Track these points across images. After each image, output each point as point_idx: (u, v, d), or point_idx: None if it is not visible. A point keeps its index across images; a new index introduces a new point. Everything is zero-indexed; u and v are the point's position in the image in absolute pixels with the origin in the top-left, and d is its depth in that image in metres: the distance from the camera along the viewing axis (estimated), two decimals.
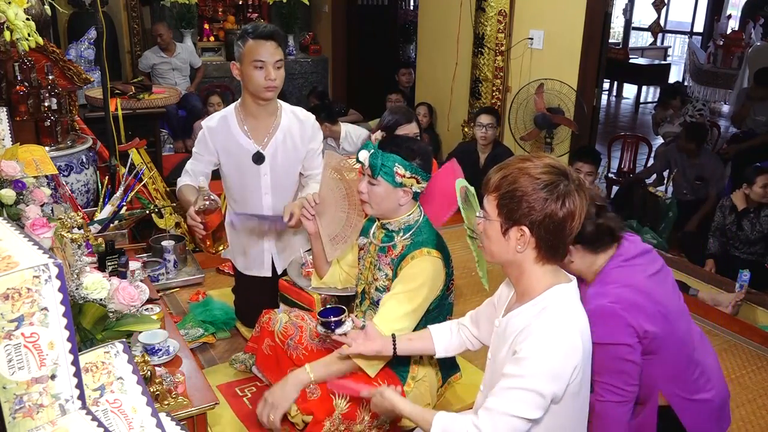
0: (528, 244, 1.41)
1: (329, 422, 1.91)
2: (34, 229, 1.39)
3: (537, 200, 1.37)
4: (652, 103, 9.84)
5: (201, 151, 2.55)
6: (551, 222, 1.38)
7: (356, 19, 7.35)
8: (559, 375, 1.37)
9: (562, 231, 1.40)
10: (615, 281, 1.74)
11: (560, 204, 1.37)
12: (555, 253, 1.44)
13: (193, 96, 5.80)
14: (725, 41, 8.60)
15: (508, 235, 1.43)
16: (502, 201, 1.42)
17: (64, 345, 0.84)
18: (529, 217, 1.38)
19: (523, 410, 1.37)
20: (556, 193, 1.37)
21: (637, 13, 10.67)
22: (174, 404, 1.60)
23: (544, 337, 1.38)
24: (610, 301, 1.70)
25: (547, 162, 1.42)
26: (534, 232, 1.40)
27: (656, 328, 1.71)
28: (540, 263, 1.44)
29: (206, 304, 2.84)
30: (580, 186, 1.42)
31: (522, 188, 1.39)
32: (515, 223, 1.41)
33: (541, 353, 1.36)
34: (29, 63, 2.92)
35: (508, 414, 1.37)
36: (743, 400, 2.55)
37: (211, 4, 6.59)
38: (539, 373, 1.36)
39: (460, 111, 5.19)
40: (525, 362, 1.37)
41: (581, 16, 4.25)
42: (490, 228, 1.46)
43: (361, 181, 2.03)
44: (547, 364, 1.36)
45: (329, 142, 4.37)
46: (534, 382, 1.36)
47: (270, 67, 2.35)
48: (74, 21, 5.67)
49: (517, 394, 1.37)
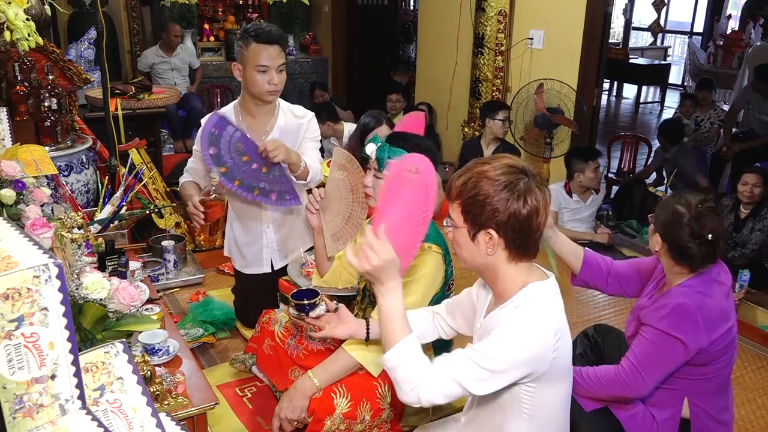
0: (498, 246, 1.43)
1: (330, 421, 1.91)
2: (34, 229, 1.39)
3: (499, 201, 1.39)
4: (652, 103, 9.85)
5: (200, 149, 2.56)
6: (516, 221, 1.39)
7: (356, 19, 7.35)
8: (517, 364, 1.39)
9: (529, 228, 1.41)
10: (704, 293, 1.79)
11: (522, 202, 1.39)
12: (526, 250, 1.45)
13: (193, 96, 5.80)
14: (725, 41, 8.60)
15: (477, 240, 1.44)
16: (465, 207, 1.43)
17: (64, 345, 0.84)
18: (494, 219, 1.40)
19: (467, 381, 1.40)
20: (516, 191, 1.39)
21: (637, 13, 10.66)
22: (174, 404, 1.60)
23: (512, 328, 1.40)
24: (695, 303, 1.75)
25: (505, 162, 1.44)
26: (501, 233, 1.41)
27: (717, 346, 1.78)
28: (513, 262, 1.46)
29: (206, 304, 2.84)
30: (541, 181, 1.44)
31: (483, 192, 1.40)
32: (482, 227, 1.42)
33: (505, 340, 1.38)
34: (29, 63, 2.92)
35: (451, 377, 1.40)
36: (743, 400, 2.55)
37: (211, 4, 6.58)
38: (497, 356, 1.38)
39: (460, 111, 5.19)
40: (488, 342, 1.40)
41: (581, 16, 4.25)
42: (458, 235, 1.47)
43: (367, 175, 2.04)
44: (508, 352, 1.38)
45: (332, 141, 4.37)
46: (489, 363, 1.38)
47: (273, 71, 2.37)
48: (74, 21, 5.67)
49: (469, 365, 1.40)
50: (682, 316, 1.74)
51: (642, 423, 1.86)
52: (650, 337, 1.77)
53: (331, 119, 4.32)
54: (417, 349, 1.45)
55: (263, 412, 2.32)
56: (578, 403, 1.90)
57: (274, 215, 2.64)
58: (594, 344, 2.19)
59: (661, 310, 1.78)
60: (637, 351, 1.79)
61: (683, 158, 4.81)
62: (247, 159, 2.37)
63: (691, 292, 1.78)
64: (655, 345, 1.77)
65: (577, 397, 1.90)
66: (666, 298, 1.82)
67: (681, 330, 1.74)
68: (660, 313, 1.77)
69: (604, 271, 2.08)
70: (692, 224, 1.77)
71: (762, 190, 3.73)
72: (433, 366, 1.43)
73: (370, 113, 3.11)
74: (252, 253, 2.71)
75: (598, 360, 2.14)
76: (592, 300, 3.27)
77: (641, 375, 1.77)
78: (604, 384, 1.83)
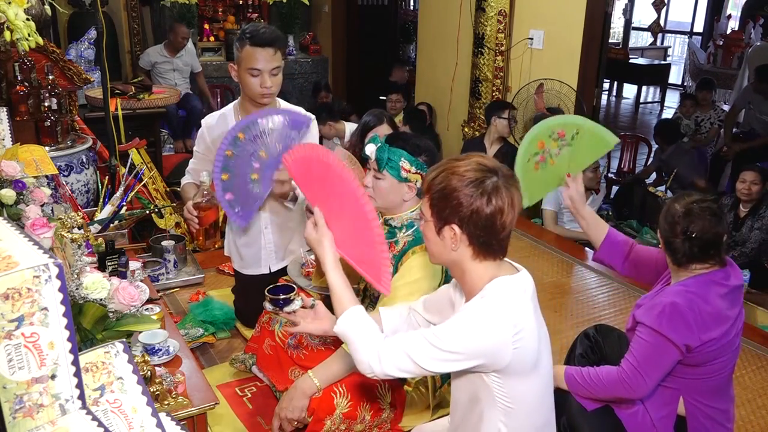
0: (461, 241, 1.44)
1: (330, 421, 1.91)
2: (34, 229, 1.39)
3: (464, 197, 1.40)
4: (652, 103, 9.85)
5: (200, 149, 2.58)
6: (479, 218, 1.40)
7: (356, 19, 7.35)
8: (468, 351, 1.39)
9: (492, 226, 1.41)
10: (697, 293, 1.80)
11: (486, 200, 1.39)
12: (490, 249, 1.45)
13: (193, 96, 5.80)
14: (725, 41, 8.61)
15: (442, 235, 1.46)
16: (433, 201, 1.45)
17: (64, 345, 0.84)
18: (458, 214, 1.41)
19: (418, 356, 1.42)
20: (481, 189, 1.40)
21: (637, 13, 10.66)
22: (174, 404, 1.60)
23: (470, 316, 1.41)
24: (686, 302, 1.76)
25: (476, 160, 1.45)
26: (464, 229, 1.42)
27: (710, 347, 1.78)
28: (478, 260, 1.46)
29: (206, 304, 2.84)
30: (513, 182, 1.44)
31: (450, 186, 1.42)
32: (446, 222, 1.44)
33: (467, 332, 1.39)
34: (29, 63, 2.92)
35: (404, 350, 1.43)
36: (743, 400, 2.55)
37: (211, 4, 6.58)
38: (450, 339, 1.40)
39: (460, 111, 5.19)
40: (446, 324, 1.43)
41: (581, 16, 4.25)
42: (426, 229, 1.50)
43: (367, 175, 2.04)
44: (461, 338, 1.39)
45: (334, 140, 4.37)
46: (441, 343, 1.40)
47: (266, 75, 2.34)
48: (74, 21, 5.67)
49: (422, 341, 1.42)
50: (673, 315, 1.75)
51: (642, 421, 1.86)
52: (646, 337, 1.79)
53: (332, 119, 4.32)
54: (364, 318, 1.52)
55: (263, 412, 2.32)
56: (580, 403, 1.90)
57: (273, 218, 2.64)
58: (595, 344, 2.19)
59: (655, 309, 1.80)
60: (636, 352, 1.80)
61: (679, 159, 4.81)
62: (255, 177, 2.30)
63: (685, 291, 1.79)
64: (651, 345, 1.78)
65: (578, 398, 1.90)
66: (660, 296, 1.84)
67: (670, 329, 1.75)
68: (653, 312, 1.79)
69: (624, 252, 2.11)
70: (680, 220, 1.80)
71: (760, 188, 3.74)
72: (390, 339, 1.47)
73: (372, 112, 3.11)
74: (250, 254, 2.71)
75: (600, 360, 2.14)
76: (592, 300, 3.27)
77: (642, 376, 1.78)
78: (606, 385, 1.84)
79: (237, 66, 2.38)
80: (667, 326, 1.75)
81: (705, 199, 1.83)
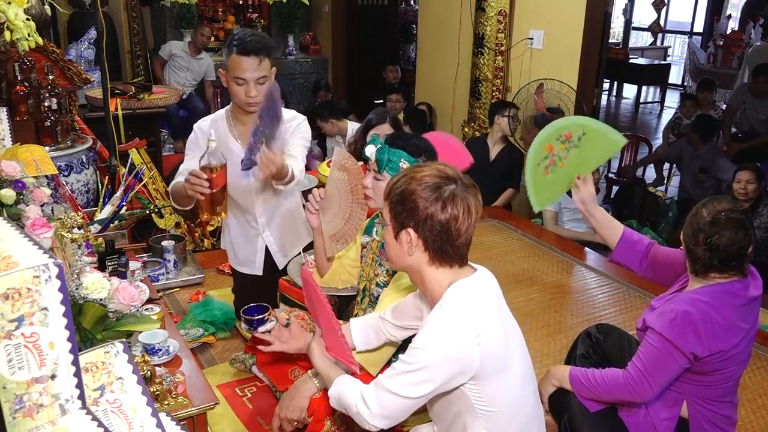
0: (417, 246, 1.46)
1: (330, 421, 1.91)
2: (34, 229, 1.39)
3: (420, 200, 1.42)
4: (652, 103, 9.85)
5: (194, 150, 2.46)
6: (432, 223, 1.42)
7: (356, 19, 7.36)
8: (439, 364, 1.40)
9: (447, 233, 1.43)
10: (710, 304, 1.77)
11: (441, 206, 1.41)
12: (446, 255, 1.46)
13: (195, 97, 5.80)
14: (725, 41, 8.61)
15: (399, 239, 1.48)
16: (392, 205, 1.48)
17: (64, 345, 0.84)
18: (413, 218, 1.43)
19: (401, 389, 1.43)
20: (437, 194, 1.42)
21: (637, 13, 10.66)
22: (174, 404, 1.60)
23: (430, 330, 1.42)
24: (697, 312, 1.74)
25: (438, 167, 1.47)
26: (420, 233, 1.44)
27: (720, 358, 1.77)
28: (434, 266, 1.48)
29: (206, 304, 2.84)
30: (473, 191, 1.45)
31: (408, 190, 1.44)
32: (403, 226, 1.46)
33: (430, 344, 1.41)
34: (29, 63, 2.92)
35: (394, 393, 1.44)
36: (743, 400, 2.55)
37: (211, 4, 6.58)
38: (419, 360, 1.41)
39: (460, 111, 5.19)
40: (416, 351, 1.43)
41: (581, 16, 4.25)
42: (386, 233, 1.52)
43: (367, 176, 2.04)
44: (428, 354, 1.40)
45: (337, 139, 4.37)
46: (413, 367, 1.41)
47: (251, 84, 2.26)
48: (74, 21, 5.68)
49: (406, 378, 1.43)
50: (684, 324, 1.73)
51: (644, 423, 1.86)
52: (655, 343, 1.76)
53: (334, 116, 4.31)
54: (349, 381, 1.59)
55: (263, 412, 2.32)
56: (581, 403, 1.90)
57: (270, 219, 2.63)
58: (596, 344, 2.18)
59: (667, 315, 1.77)
60: (644, 357, 1.78)
61: (712, 159, 4.73)
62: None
63: (698, 301, 1.76)
64: (659, 351, 1.76)
65: (580, 398, 1.90)
66: (672, 303, 1.81)
67: (680, 337, 1.73)
68: (665, 319, 1.77)
69: (641, 252, 2.07)
70: (705, 228, 1.75)
71: (756, 186, 3.75)
72: (371, 386, 1.50)
73: (375, 110, 3.10)
74: (245, 254, 2.70)
75: (601, 360, 2.14)
76: (592, 300, 3.27)
77: (648, 381, 1.77)
78: (611, 388, 1.82)
79: (225, 73, 2.35)
80: (677, 334, 1.73)
81: (734, 210, 1.76)
